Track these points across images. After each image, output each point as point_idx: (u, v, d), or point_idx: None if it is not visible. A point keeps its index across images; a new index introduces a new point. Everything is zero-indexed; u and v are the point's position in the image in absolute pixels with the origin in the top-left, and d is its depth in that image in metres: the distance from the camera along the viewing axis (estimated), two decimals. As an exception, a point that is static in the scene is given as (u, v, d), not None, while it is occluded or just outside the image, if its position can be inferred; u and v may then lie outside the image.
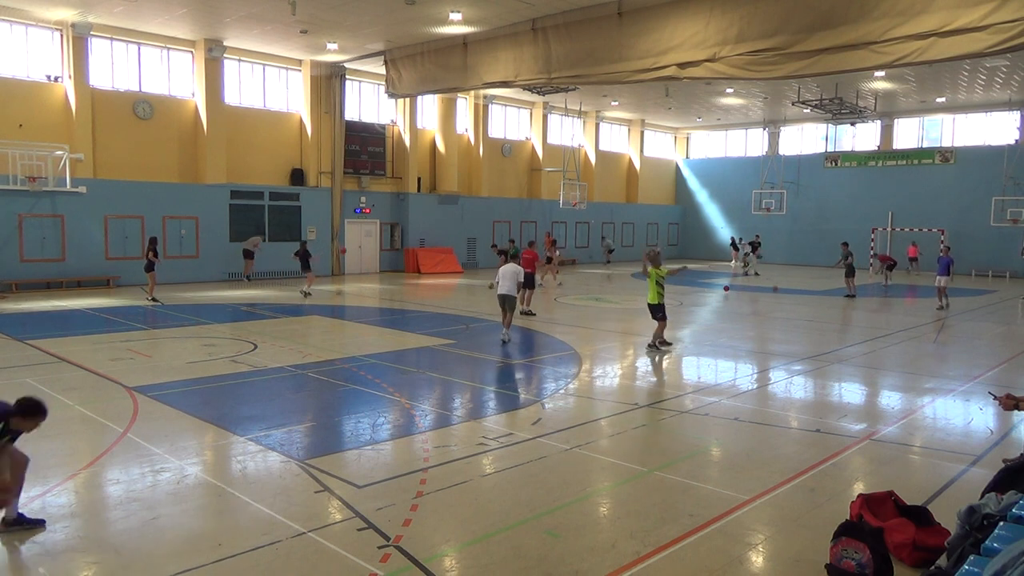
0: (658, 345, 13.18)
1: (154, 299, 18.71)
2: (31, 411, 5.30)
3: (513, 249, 20.11)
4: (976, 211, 33.20)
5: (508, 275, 14.19)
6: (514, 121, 35.75)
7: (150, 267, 18.70)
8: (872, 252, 34.56)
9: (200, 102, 24.57)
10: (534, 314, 17.29)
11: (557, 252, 27.09)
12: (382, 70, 25.09)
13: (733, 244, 36.07)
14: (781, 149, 40.40)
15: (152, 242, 19.08)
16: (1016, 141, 32.63)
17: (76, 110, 21.91)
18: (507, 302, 14.15)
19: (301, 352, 12.43)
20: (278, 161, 27.08)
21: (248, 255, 25.01)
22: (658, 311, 13.16)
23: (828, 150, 39.04)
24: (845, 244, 23.82)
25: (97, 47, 22.61)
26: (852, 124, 35.30)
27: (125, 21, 21.85)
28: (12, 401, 5.28)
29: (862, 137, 38.05)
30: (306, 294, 20.82)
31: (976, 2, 12.16)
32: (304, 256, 21.06)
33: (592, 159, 39.21)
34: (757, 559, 5.18)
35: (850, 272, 23.03)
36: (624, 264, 38.08)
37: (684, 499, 6.14)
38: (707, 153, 44.94)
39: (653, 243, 40.11)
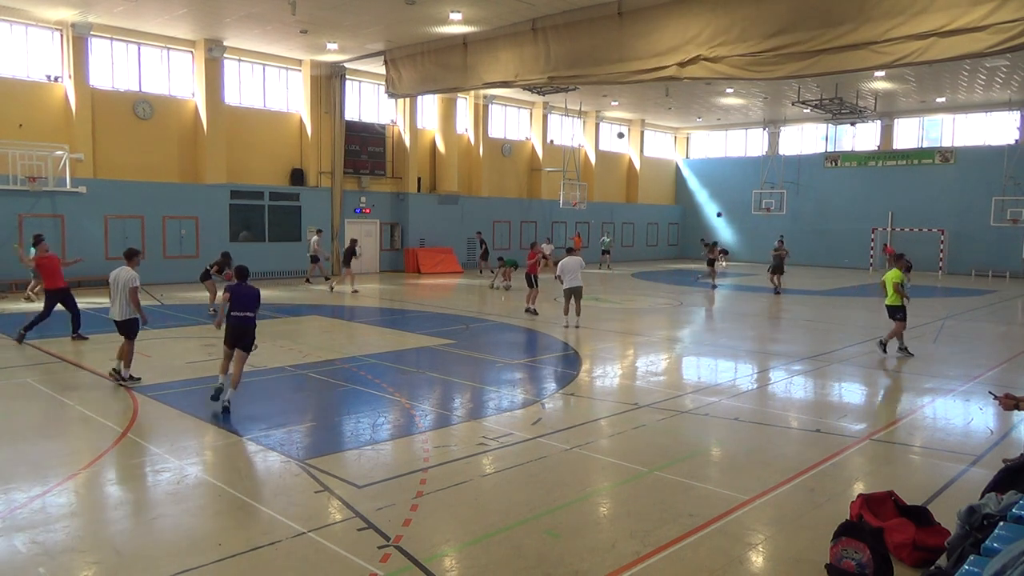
0: (886, 345, 13.00)
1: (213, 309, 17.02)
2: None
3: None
4: (976, 211, 33.20)
5: (573, 267, 15.62)
6: (514, 121, 35.74)
7: (207, 276, 17.14)
8: (884, 247, 34.36)
9: (200, 102, 24.57)
10: (537, 313, 17.39)
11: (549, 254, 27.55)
12: (382, 70, 25.08)
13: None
14: (781, 149, 40.39)
15: (226, 257, 17.28)
16: (1016, 141, 32.63)
17: (76, 110, 21.91)
18: (575, 293, 15.57)
19: (301, 352, 12.43)
20: (278, 161, 27.08)
21: (314, 259, 25.04)
22: (898, 312, 12.87)
23: (828, 150, 39.04)
24: (781, 241, 25.05)
25: (97, 47, 22.61)
26: (852, 124, 35.30)
27: (125, 21, 21.84)
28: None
29: (862, 137, 38.05)
30: (331, 289, 21.92)
31: (976, 2, 12.15)
32: (350, 253, 22.21)
33: (592, 159, 39.22)
34: (757, 559, 5.18)
35: (778, 270, 23.49)
36: (624, 264, 38.04)
37: (684, 499, 6.14)
38: (707, 153, 44.94)
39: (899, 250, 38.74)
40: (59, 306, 13.16)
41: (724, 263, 32.76)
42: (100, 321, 15.70)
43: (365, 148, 28.96)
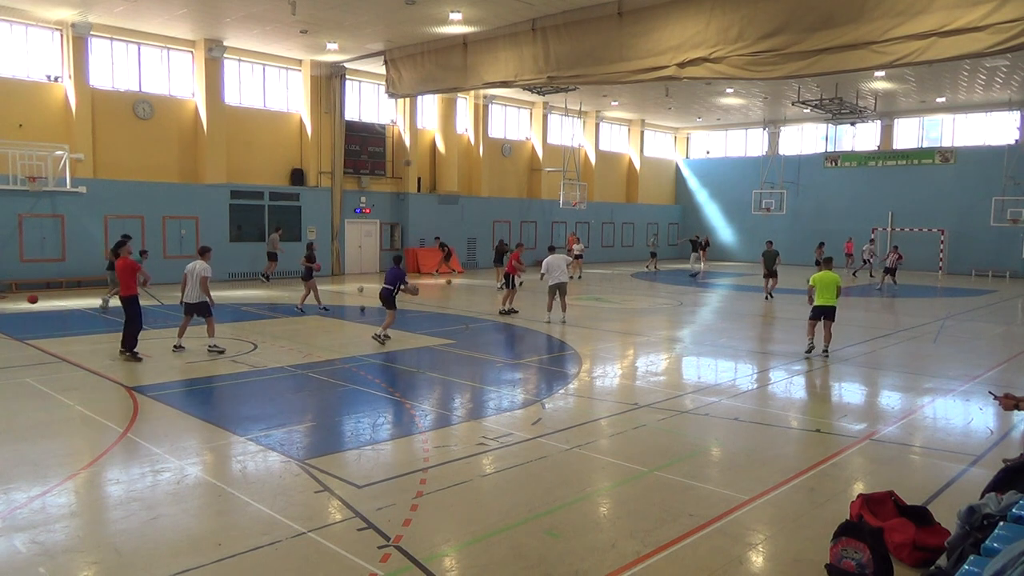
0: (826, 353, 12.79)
1: (324, 308, 17.76)
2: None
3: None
4: (976, 211, 33.20)
5: (557, 264, 15.95)
6: (514, 121, 35.74)
7: (308, 275, 17.80)
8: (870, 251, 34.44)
9: (200, 102, 24.57)
10: (516, 311, 17.47)
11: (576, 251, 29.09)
12: (382, 70, 25.08)
13: (698, 244, 34.69)
14: (781, 149, 40.40)
15: (310, 247, 18.55)
16: (1016, 141, 32.63)
17: (76, 110, 21.91)
18: (559, 289, 15.89)
19: (301, 352, 12.43)
20: (278, 161, 27.08)
21: (272, 257, 25.06)
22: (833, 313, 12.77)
23: (828, 150, 39.05)
24: (769, 243, 24.01)
25: (97, 47, 22.61)
26: (852, 124, 35.31)
27: (125, 21, 21.85)
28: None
29: (862, 137, 38.06)
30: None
31: (976, 2, 12.16)
32: (500, 252, 23.65)
33: (592, 159, 39.22)
34: (757, 559, 5.18)
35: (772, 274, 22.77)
36: (624, 264, 38.07)
37: (684, 499, 6.14)
38: (707, 153, 44.95)
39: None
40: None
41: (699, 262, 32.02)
42: (100, 321, 15.71)
43: (365, 148, 28.97)
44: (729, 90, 31.38)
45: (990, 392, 6.45)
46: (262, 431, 7.90)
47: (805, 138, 40.34)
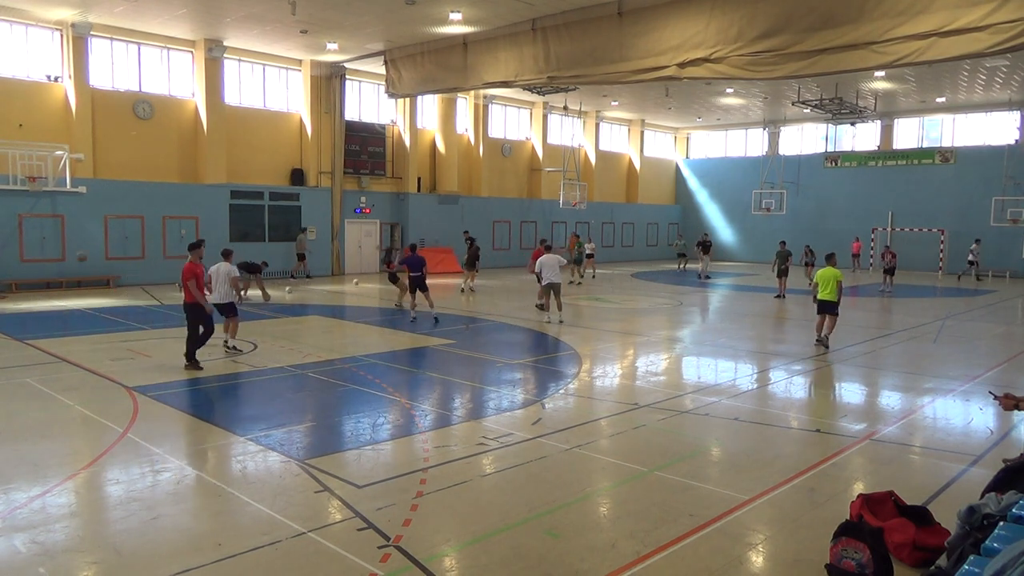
0: (826, 344, 13.63)
1: (399, 305, 18.10)
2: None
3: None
4: (976, 211, 33.19)
5: (552, 264, 16.11)
6: (514, 121, 35.74)
7: (394, 278, 18.32)
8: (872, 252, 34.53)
9: (200, 102, 24.57)
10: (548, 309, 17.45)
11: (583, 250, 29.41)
12: (382, 70, 25.08)
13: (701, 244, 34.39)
14: (781, 149, 40.38)
15: (389, 253, 19.40)
16: (1016, 141, 32.62)
17: (76, 110, 21.91)
18: (553, 289, 16.08)
19: (301, 352, 12.43)
20: (278, 161, 27.08)
21: (301, 257, 25.38)
22: (836, 307, 13.52)
23: (828, 150, 39.03)
24: (783, 243, 24.00)
25: (97, 47, 22.61)
26: (852, 124, 35.29)
27: (125, 21, 21.85)
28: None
29: (862, 137, 38.05)
30: (470, 289, 22.72)
31: (976, 2, 12.16)
32: (474, 256, 23.27)
33: (592, 159, 39.21)
34: (757, 559, 5.18)
35: (783, 273, 22.68)
36: (623, 264, 38.07)
37: (684, 499, 6.14)
38: (707, 153, 44.93)
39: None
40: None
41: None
42: (100, 321, 15.70)
43: (365, 148, 28.97)
44: (729, 90, 31.37)
45: (990, 392, 6.44)
46: (262, 431, 7.90)
47: (805, 138, 40.33)
